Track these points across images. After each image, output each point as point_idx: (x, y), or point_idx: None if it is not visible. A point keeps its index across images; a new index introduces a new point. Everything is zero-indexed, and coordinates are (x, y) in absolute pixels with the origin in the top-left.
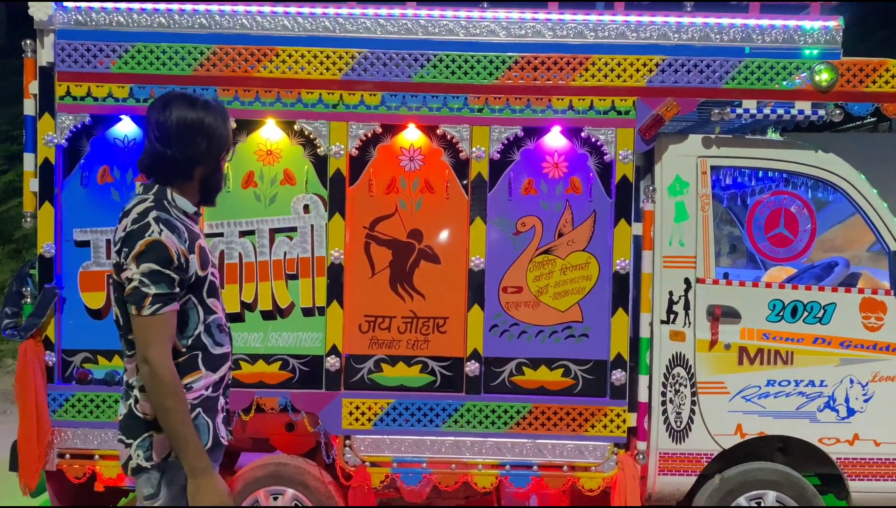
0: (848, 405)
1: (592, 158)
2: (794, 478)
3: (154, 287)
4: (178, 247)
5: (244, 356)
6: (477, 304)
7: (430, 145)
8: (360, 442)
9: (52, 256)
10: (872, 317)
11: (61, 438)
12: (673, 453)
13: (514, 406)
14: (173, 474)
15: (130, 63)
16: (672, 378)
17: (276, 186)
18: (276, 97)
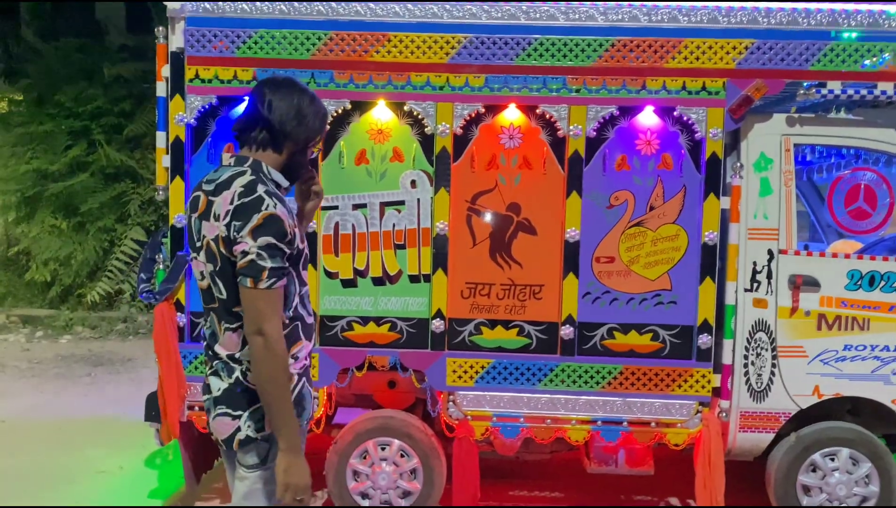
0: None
1: (683, 135)
2: (866, 436)
3: (270, 261)
4: (290, 221)
5: (356, 319)
6: (572, 273)
7: (529, 124)
8: (462, 398)
9: (182, 226)
10: None
11: (191, 392)
12: (753, 411)
13: (605, 367)
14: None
15: (254, 48)
16: (754, 342)
17: (386, 162)
18: (388, 80)
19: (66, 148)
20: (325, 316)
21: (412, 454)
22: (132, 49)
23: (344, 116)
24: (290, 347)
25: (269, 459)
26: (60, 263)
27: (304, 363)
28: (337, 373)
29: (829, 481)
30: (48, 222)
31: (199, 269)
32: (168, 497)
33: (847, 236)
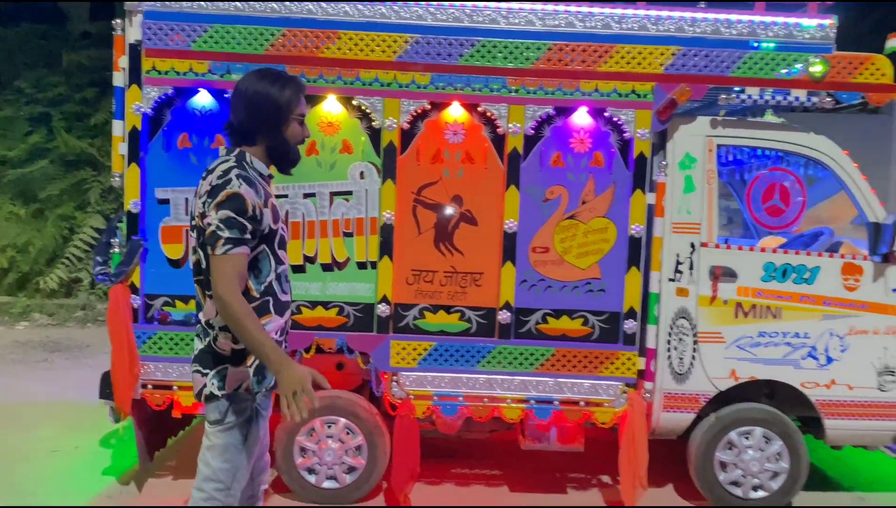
0: (827, 354)
1: (614, 135)
2: (778, 416)
3: (228, 232)
4: (255, 200)
5: (305, 303)
6: (509, 261)
7: (472, 121)
8: (405, 378)
9: (138, 211)
10: (851, 279)
11: (144, 370)
12: (675, 393)
13: (539, 350)
14: (240, 405)
15: (209, 42)
16: (676, 328)
17: (336, 154)
18: (338, 75)
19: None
20: None
21: (357, 431)
22: (95, 37)
23: None
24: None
25: (227, 417)
26: (18, 250)
27: (270, 335)
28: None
29: (743, 458)
30: (6, 208)
31: (192, 245)
32: (122, 474)
33: (763, 232)
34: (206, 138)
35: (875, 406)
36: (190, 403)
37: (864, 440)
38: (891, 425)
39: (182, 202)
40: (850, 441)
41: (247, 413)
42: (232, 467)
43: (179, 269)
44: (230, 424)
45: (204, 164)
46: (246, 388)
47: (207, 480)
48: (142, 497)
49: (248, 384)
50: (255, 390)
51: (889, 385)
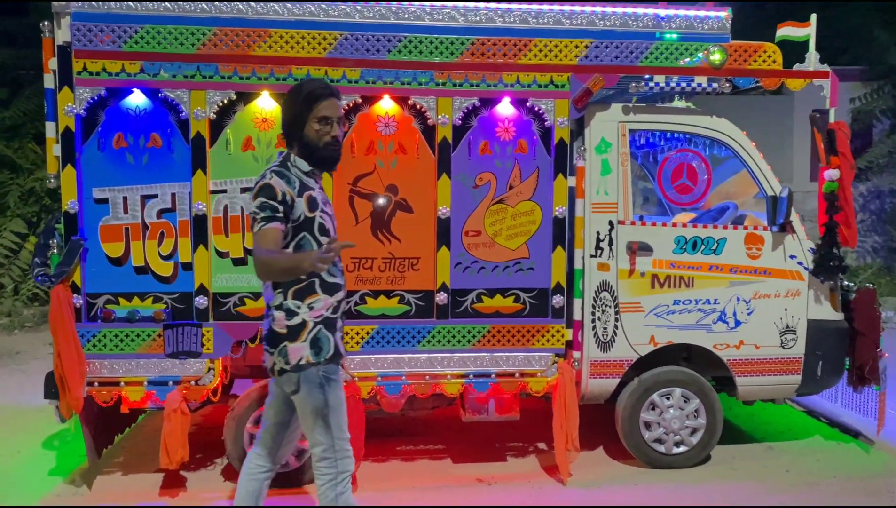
0: (735, 317)
1: (536, 123)
2: (695, 377)
3: (262, 213)
4: (285, 188)
5: (248, 294)
6: (444, 246)
7: (403, 113)
8: (349, 362)
9: (76, 212)
10: (754, 248)
11: (90, 368)
12: (601, 360)
13: (475, 327)
14: (307, 374)
15: (140, 42)
16: (600, 301)
17: (272, 148)
18: (270, 72)
19: None
20: (218, 293)
21: None
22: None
23: (230, 106)
24: (306, 297)
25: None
26: None
27: (321, 313)
28: (231, 345)
29: (665, 417)
30: None
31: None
32: (68, 474)
33: (675, 209)
34: (141, 137)
35: (779, 363)
36: (138, 398)
37: (771, 394)
38: (794, 378)
39: (121, 201)
40: (760, 396)
41: (316, 381)
42: (323, 427)
43: (121, 267)
44: (305, 392)
45: (140, 163)
46: (306, 360)
47: (314, 445)
48: (92, 496)
49: (307, 356)
50: (314, 360)
51: (790, 343)
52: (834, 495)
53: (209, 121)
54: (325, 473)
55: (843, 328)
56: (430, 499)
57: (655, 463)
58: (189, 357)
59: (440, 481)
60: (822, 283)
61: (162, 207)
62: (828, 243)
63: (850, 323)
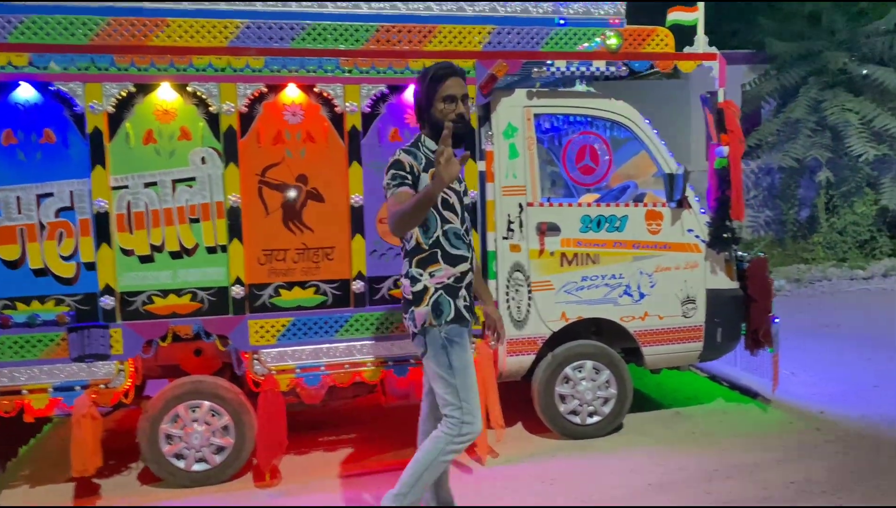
0: (640, 290)
1: None
2: (604, 349)
3: (393, 182)
4: (411, 162)
5: (157, 292)
6: (358, 234)
7: (310, 102)
8: (266, 355)
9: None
10: (654, 224)
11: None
12: (516, 338)
13: (393, 314)
14: (431, 337)
15: (27, 33)
16: (513, 280)
17: (174, 141)
18: (170, 63)
19: None
20: (125, 292)
21: (223, 412)
22: None
23: (128, 99)
24: (427, 266)
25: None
26: None
27: (441, 281)
28: (141, 345)
29: (578, 389)
30: None
31: None
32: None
33: (581, 190)
34: (33, 134)
35: (681, 331)
36: (43, 405)
37: (676, 362)
38: (695, 346)
39: (14, 201)
40: (665, 364)
41: (439, 342)
42: (452, 388)
43: (17, 270)
44: (432, 354)
45: (34, 160)
46: (429, 322)
47: (444, 405)
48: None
49: (429, 319)
50: (436, 323)
51: (691, 312)
52: (734, 451)
53: (107, 114)
54: (449, 428)
55: (738, 296)
56: (351, 487)
57: (571, 435)
58: (97, 360)
59: (362, 469)
60: (717, 254)
61: (60, 205)
62: (720, 216)
63: (744, 291)
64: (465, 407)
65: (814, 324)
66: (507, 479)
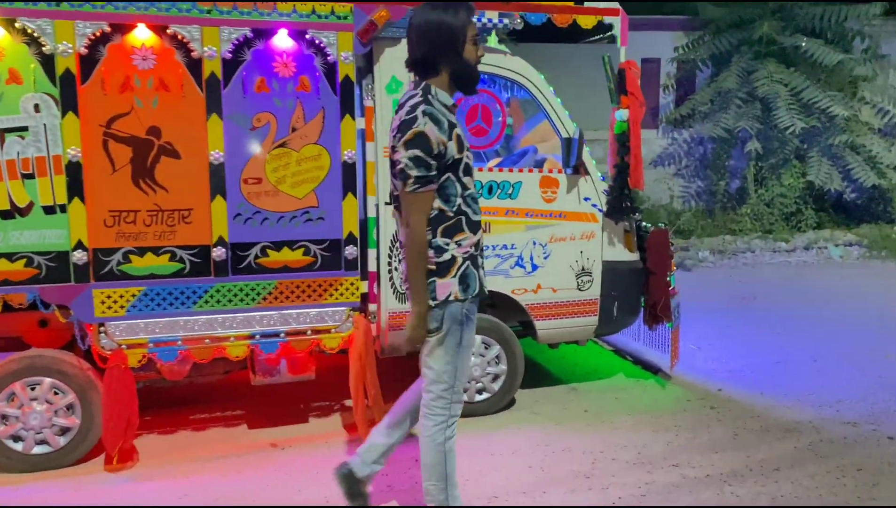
0: (532, 262)
1: (318, 58)
2: (495, 323)
3: (416, 170)
4: (439, 137)
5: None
6: (219, 195)
7: (163, 45)
8: (114, 328)
9: None
10: (549, 191)
11: None
12: (400, 312)
13: (260, 284)
14: (451, 311)
15: None
16: (396, 250)
17: (2, 85)
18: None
19: None
20: None
21: (67, 390)
22: None
23: None
24: (455, 235)
25: (443, 323)
26: None
27: (467, 250)
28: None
29: None
30: None
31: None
32: None
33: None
34: None
35: (576, 305)
36: None
37: (571, 337)
38: (591, 320)
39: None
40: (560, 339)
41: (458, 318)
42: (452, 367)
43: None
44: (446, 329)
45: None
46: (454, 296)
47: (433, 383)
48: None
49: (455, 292)
50: (462, 297)
51: (586, 285)
52: (623, 431)
53: None
54: (437, 414)
55: (637, 269)
56: (214, 468)
57: None
58: None
59: (231, 449)
60: (615, 224)
61: None
62: (619, 184)
63: (644, 263)
64: (458, 387)
65: (730, 296)
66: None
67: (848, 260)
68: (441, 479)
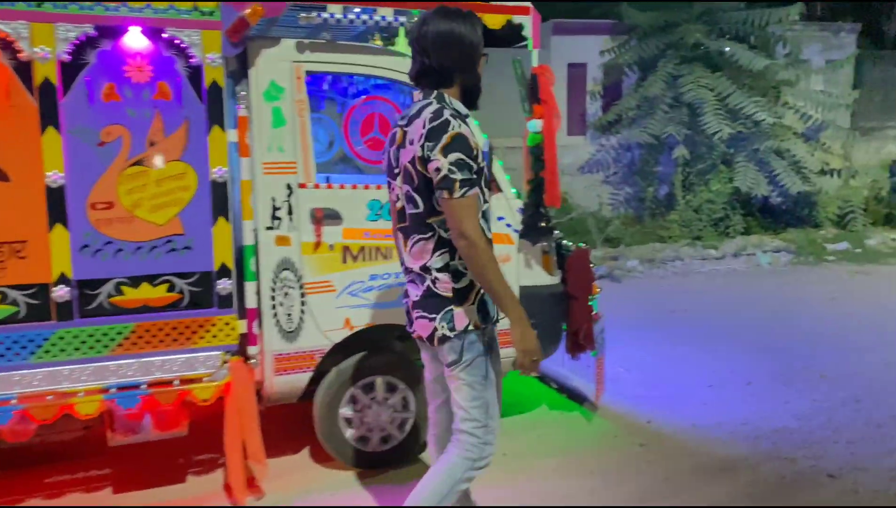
0: None
1: (180, 61)
2: (401, 361)
3: (460, 173)
4: (475, 140)
5: None
6: (59, 223)
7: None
8: None
9: None
10: None
11: None
12: (286, 353)
13: (114, 328)
14: (472, 341)
15: None
16: (280, 282)
17: None
18: None
19: None
20: None
21: None
22: None
23: None
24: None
25: (463, 355)
26: None
27: None
28: None
29: (367, 410)
30: None
31: (395, 193)
32: None
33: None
34: None
35: None
36: None
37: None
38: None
39: None
40: None
41: (480, 348)
42: (482, 403)
43: None
44: (467, 361)
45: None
46: (474, 324)
47: (464, 421)
48: None
49: (475, 320)
50: (483, 324)
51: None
52: (546, 477)
53: None
54: (468, 449)
55: (557, 293)
56: None
57: (361, 464)
58: None
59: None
60: (532, 246)
61: None
62: (534, 201)
63: (565, 287)
64: (491, 425)
65: (660, 309)
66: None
67: (777, 266)
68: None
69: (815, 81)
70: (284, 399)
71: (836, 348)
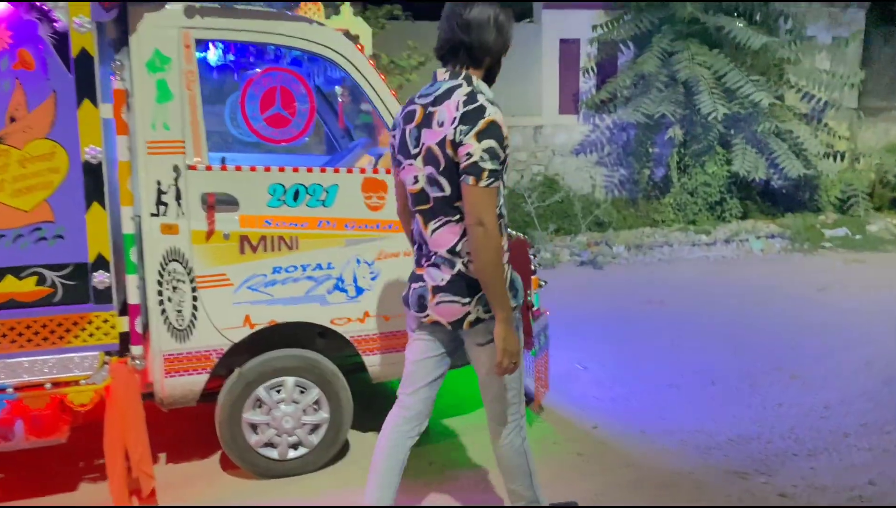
0: (356, 284)
1: (44, 26)
2: (313, 361)
3: (490, 163)
4: (506, 128)
5: None
6: None
7: None
8: None
9: None
10: (374, 197)
11: None
12: (178, 353)
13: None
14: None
15: None
16: (168, 275)
17: None
18: None
19: None
20: None
21: None
22: None
23: None
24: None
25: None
26: None
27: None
28: None
29: (275, 415)
30: None
31: (412, 174)
32: None
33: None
34: None
35: None
36: None
37: None
38: None
39: None
40: (396, 376)
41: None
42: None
43: None
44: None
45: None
46: None
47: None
48: None
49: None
50: (514, 304)
51: None
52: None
53: None
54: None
55: None
56: None
57: (269, 473)
58: None
59: None
60: None
61: None
62: None
63: None
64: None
65: (636, 301)
66: None
67: (769, 253)
68: (526, 477)
69: (821, 59)
70: (181, 403)
71: (814, 345)
